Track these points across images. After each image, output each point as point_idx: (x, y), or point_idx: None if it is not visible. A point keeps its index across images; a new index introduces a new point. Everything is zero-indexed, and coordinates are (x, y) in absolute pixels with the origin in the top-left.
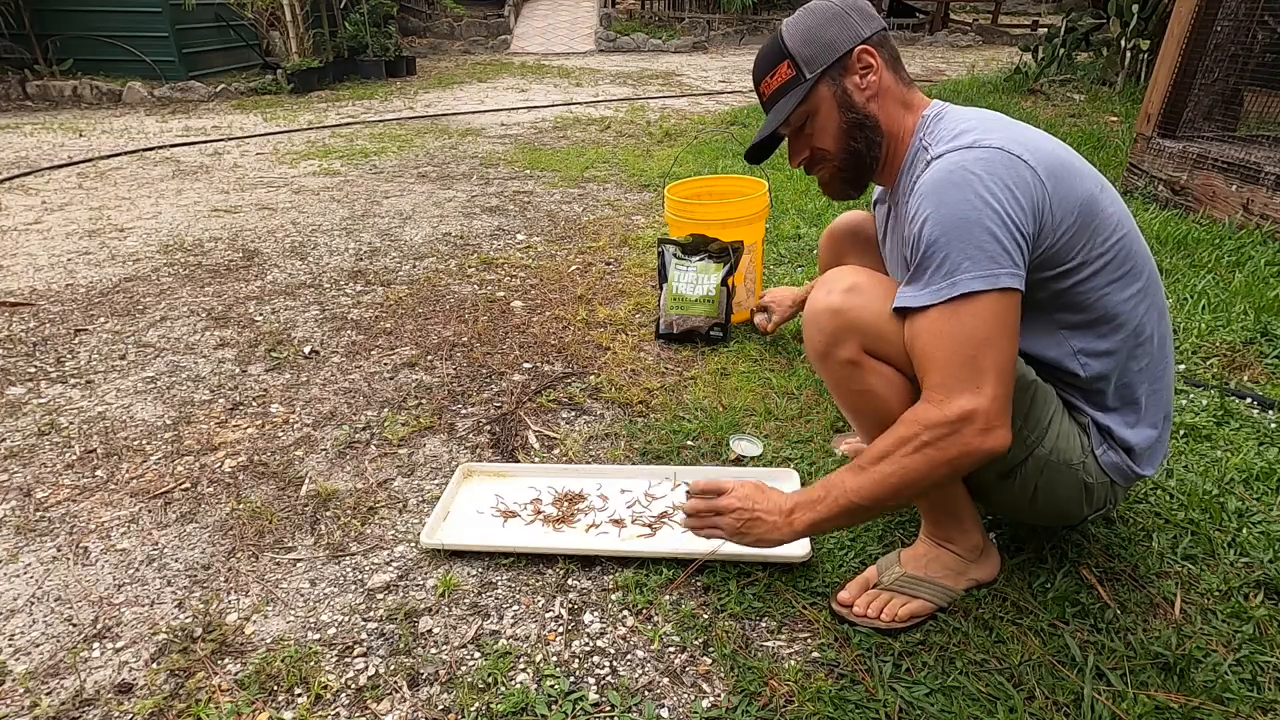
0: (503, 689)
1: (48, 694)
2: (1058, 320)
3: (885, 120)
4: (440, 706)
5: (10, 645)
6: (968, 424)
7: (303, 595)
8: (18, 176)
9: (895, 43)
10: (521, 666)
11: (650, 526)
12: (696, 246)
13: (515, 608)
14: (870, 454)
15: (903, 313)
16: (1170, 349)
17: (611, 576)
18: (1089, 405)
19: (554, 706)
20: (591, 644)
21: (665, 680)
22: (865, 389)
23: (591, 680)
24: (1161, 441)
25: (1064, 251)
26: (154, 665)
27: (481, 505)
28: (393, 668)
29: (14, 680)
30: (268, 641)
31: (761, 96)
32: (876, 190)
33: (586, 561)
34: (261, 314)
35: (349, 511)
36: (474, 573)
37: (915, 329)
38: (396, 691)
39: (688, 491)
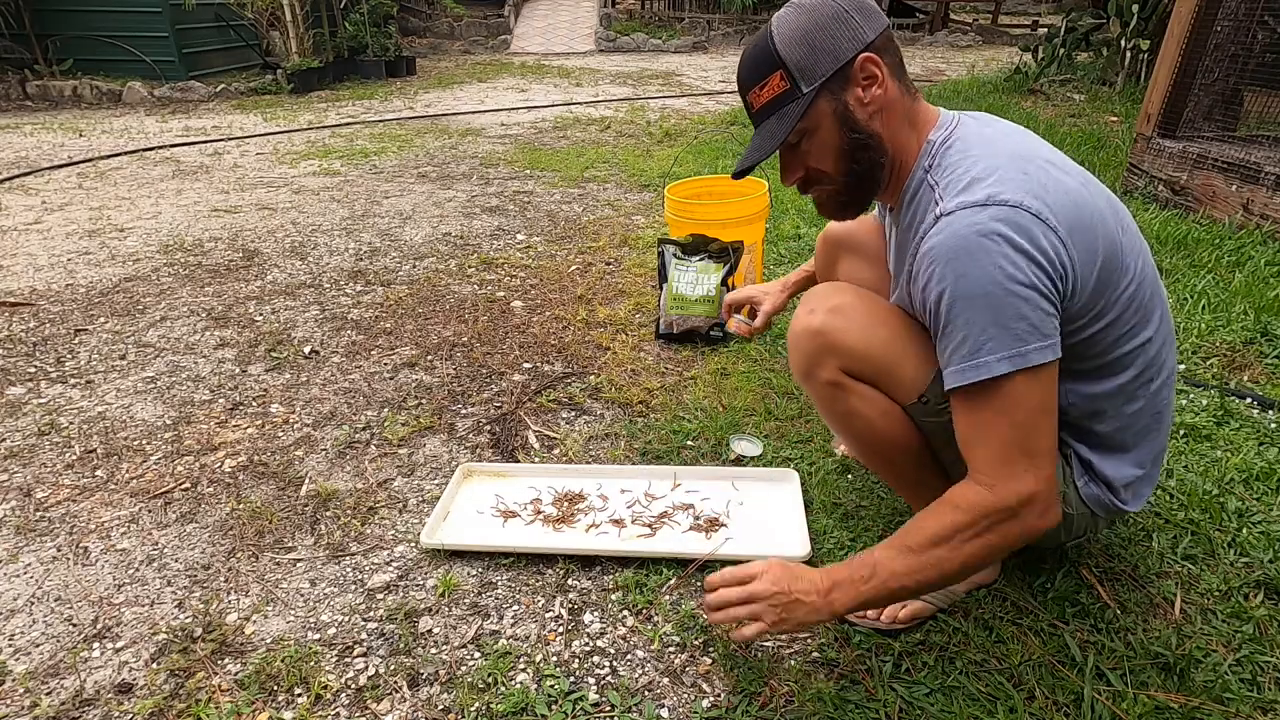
0: (503, 689)
1: (48, 694)
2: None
3: (889, 138)
4: (440, 706)
5: (10, 645)
6: (1027, 508)
7: (303, 595)
8: (18, 176)
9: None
10: (521, 666)
11: (650, 526)
12: (696, 246)
13: (515, 608)
14: (920, 537)
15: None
16: (1171, 386)
17: (611, 576)
18: (1072, 438)
19: (554, 706)
20: (591, 644)
21: (665, 680)
22: (848, 410)
23: (591, 680)
24: (1148, 479)
25: (1082, 309)
26: (154, 665)
27: (481, 505)
28: (393, 668)
29: (14, 680)
30: (268, 641)
31: (749, 107)
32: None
33: (586, 561)
34: (261, 314)
35: (349, 511)
36: (474, 573)
37: (954, 408)
38: (396, 691)
39: (707, 582)
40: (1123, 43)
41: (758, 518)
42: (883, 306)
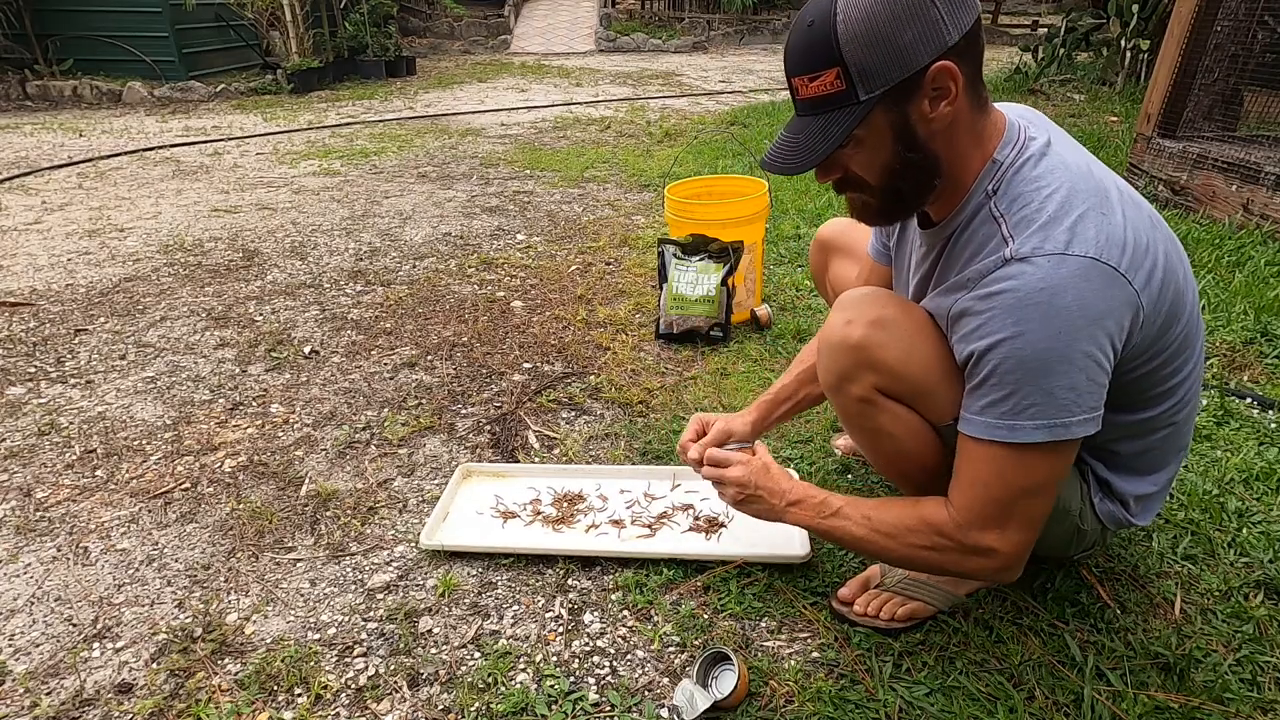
0: (503, 689)
1: (48, 694)
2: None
3: (949, 158)
4: (440, 706)
5: (10, 645)
6: (981, 557)
7: (303, 595)
8: (18, 176)
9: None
10: (521, 666)
11: (649, 527)
12: (696, 246)
13: (515, 608)
14: (880, 519)
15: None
16: (1196, 410)
17: (611, 576)
18: (1093, 458)
19: (554, 706)
20: (591, 644)
21: (665, 680)
22: (876, 427)
23: (591, 680)
24: (1161, 495)
25: (1135, 353)
26: (154, 665)
27: (481, 506)
28: (393, 668)
29: (14, 680)
30: (268, 641)
31: (794, 91)
32: None
33: (586, 561)
34: (261, 314)
35: (349, 511)
36: (474, 573)
37: (964, 442)
38: (396, 691)
39: (697, 449)
40: (1123, 43)
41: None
42: (925, 321)
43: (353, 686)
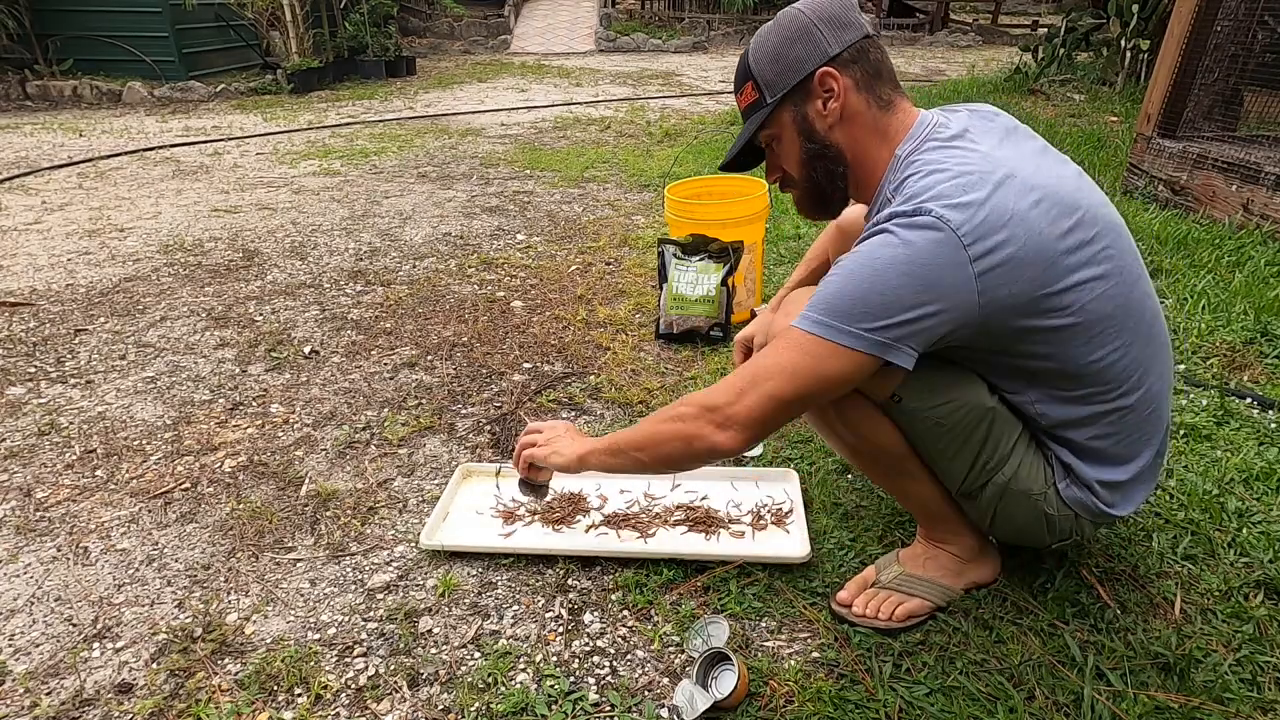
0: (503, 689)
1: (48, 694)
2: (1010, 370)
3: (851, 149)
4: (440, 706)
5: (10, 645)
6: (711, 413)
7: (303, 595)
8: (18, 176)
9: (893, 44)
10: (521, 666)
11: (649, 527)
12: (696, 246)
13: (515, 608)
14: (641, 422)
15: None
16: (1159, 398)
17: (611, 576)
18: (1054, 443)
19: (554, 706)
20: (591, 644)
21: (665, 680)
22: (823, 413)
23: (591, 680)
24: (1140, 484)
25: (998, 329)
26: (154, 665)
27: (481, 506)
28: (393, 668)
29: (14, 680)
30: (268, 641)
31: (739, 107)
32: None
33: (586, 561)
34: (261, 314)
35: (349, 511)
36: (474, 573)
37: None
38: (396, 691)
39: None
40: (1123, 43)
41: None
42: None
43: (353, 686)
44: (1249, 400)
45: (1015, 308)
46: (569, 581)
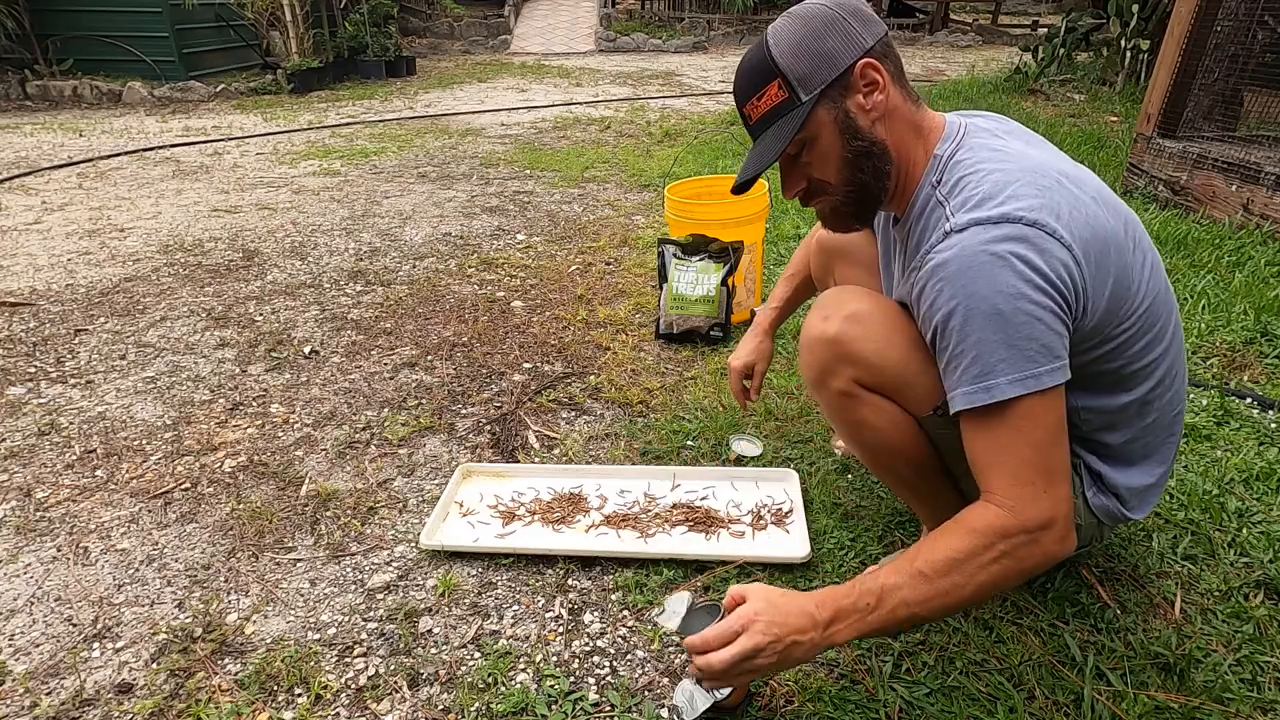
0: (503, 689)
1: (48, 694)
2: (1075, 372)
3: (895, 145)
4: (440, 706)
5: (10, 645)
6: (1046, 531)
7: (303, 595)
8: (18, 176)
9: (896, 45)
10: (521, 666)
11: (650, 527)
12: (696, 246)
13: (515, 608)
14: (934, 561)
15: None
16: (1183, 397)
17: (611, 576)
18: (1084, 450)
19: (554, 706)
20: (591, 644)
21: (665, 680)
22: (858, 420)
23: (591, 680)
24: (1157, 488)
25: (1094, 329)
26: (154, 665)
27: (481, 506)
28: (393, 668)
29: (14, 680)
30: (268, 641)
31: (747, 120)
32: None
33: (586, 561)
34: (261, 314)
35: (349, 511)
36: (474, 573)
37: (964, 429)
38: (396, 691)
39: (688, 645)
40: (1123, 43)
41: None
42: (900, 314)
43: (353, 686)
44: (1249, 400)
45: (1109, 297)
46: (569, 581)
